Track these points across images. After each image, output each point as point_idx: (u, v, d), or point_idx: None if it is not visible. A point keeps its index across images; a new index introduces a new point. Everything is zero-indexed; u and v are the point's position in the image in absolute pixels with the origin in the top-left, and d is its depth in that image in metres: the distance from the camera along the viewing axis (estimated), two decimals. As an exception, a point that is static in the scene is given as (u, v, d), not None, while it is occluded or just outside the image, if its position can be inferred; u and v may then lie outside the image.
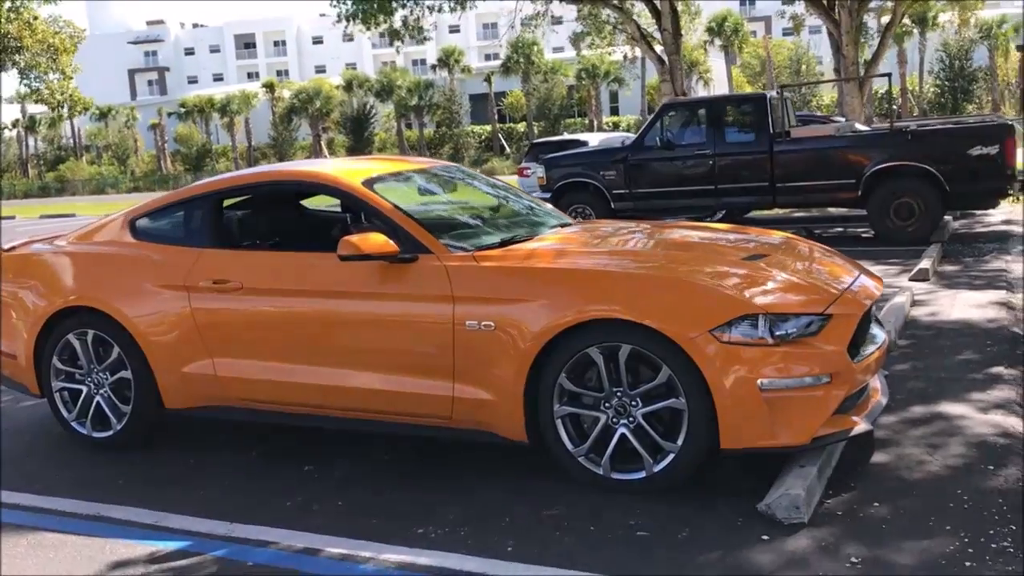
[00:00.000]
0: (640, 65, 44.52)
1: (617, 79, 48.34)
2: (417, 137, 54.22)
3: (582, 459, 4.14)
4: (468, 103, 52.96)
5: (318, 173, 5.06)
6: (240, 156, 57.17)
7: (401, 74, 54.57)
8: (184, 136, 58.14)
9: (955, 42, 40.56)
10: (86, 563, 3.75)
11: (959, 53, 40.32)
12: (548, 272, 4.24)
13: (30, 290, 5.35)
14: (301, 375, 4.65)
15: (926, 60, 42.79)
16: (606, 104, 52.96)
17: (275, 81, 59.45)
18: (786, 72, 48.07)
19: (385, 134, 56.08)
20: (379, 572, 3.51)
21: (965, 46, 40.58)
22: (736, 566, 3.36)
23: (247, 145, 58.44)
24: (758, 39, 49.06)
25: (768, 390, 3.84)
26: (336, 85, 55.75)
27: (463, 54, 54.03)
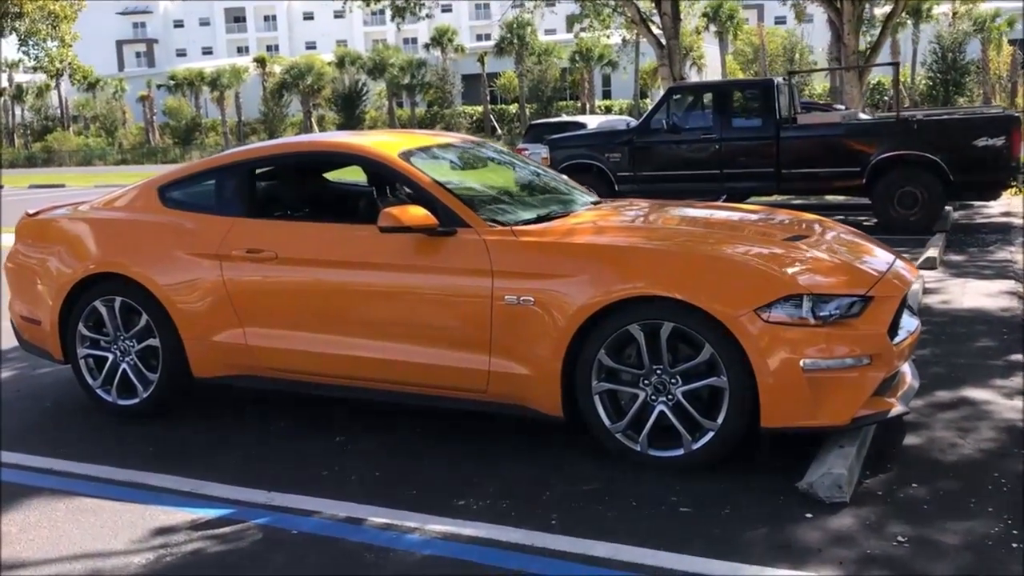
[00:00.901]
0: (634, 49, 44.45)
1: (611, 62, 48.26)
2: (408, 116, 54.03)
3: (619, 435, 4.16)
4: (460, 83, 52.74)
5: (356, 145, 5.03)
6: (230, 131, 56.82)
7: (393, 52, 54.29)
8: (173, 109, 57.69)
9: (949, 34, 40.67)
10: (127, 528, 3.74)
11: (952, 46, 40.43)
12: (591, 248, 4.24)
13: (55, 256, 5.31)
14: (334, 346, 4.64)
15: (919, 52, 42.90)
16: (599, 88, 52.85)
17: (266, 56, 59.05)
18: (780, 60, 48.08)
19: (376, 112, 55.85)
20: (425, 542, 3.52)
21: (959, 39, 40.69)
22: (784, 543, 3.39)
23: (237, 120, 58.09)
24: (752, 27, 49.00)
25: (810, 370, 3.86)
26: (328, 62, 55.42)
27: (456, 33, 53.79)
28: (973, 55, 42.00)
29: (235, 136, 56.92)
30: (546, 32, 56.80)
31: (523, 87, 50.27)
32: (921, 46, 43.23)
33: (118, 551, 3.54)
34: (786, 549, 3.34)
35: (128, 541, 3.62)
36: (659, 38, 22.34)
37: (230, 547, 3.54)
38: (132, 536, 3.67)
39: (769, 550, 3.34)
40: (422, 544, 3.50)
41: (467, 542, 3.50)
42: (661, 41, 22.41)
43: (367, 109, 54.46)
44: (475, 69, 51.89)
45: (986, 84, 41.55)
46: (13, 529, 3.78)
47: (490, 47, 52.71)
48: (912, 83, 40.73)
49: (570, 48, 48.51)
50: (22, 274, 5.53)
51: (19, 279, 5.56)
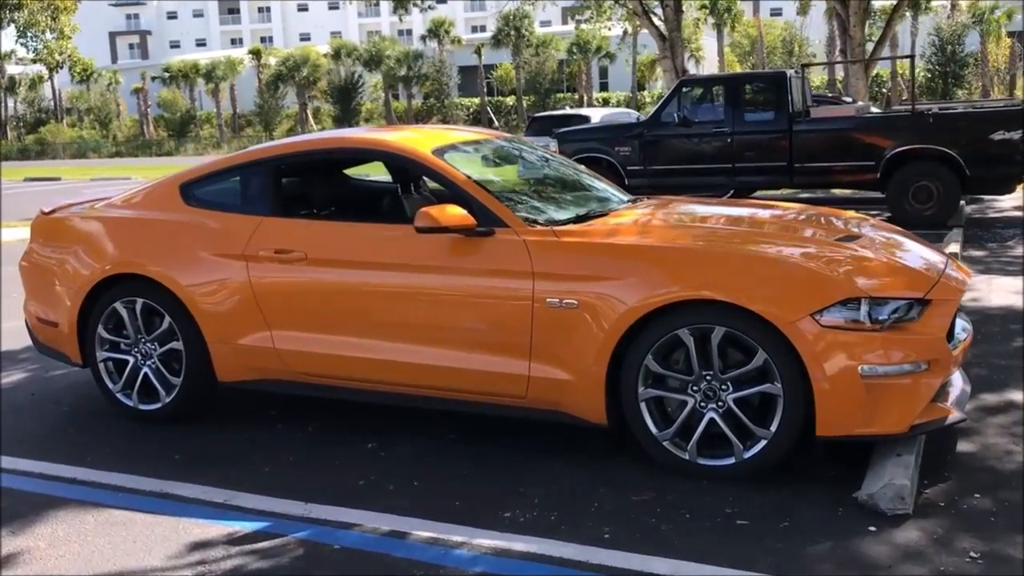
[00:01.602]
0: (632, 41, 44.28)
1: (608, 55, 48.07)
2: (405, 108, 53.77)
3: (667, 443, 4.02)
4: (457, 75, 52.50)
5: (389, 142, 4.87)
6: (225, 123, 56.51)
7: (390, 44, 54.00)
8: (168, 101, 57.35)
9: (948, 27, 40.53)
10: (162, 543, 3.58)
11: (951, 38, 40.29)
12: (638, 250, 4.09)
13: (73, 256, 5.15)
14: (367, 350, 4.49)
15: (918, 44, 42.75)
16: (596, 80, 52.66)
17: (261, 48, 58.69)
18: (778, 53, 47.92)
19: (372, 104, 55.58)
20: (474, 558, 3.37)
21: (957, 31, 40.55)
22: (851, 559, 3.25)
23: (232, 112, 57.77)
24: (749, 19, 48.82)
25: (868, 376, 3.72)
26: (323, 53, 55.13)
27: (453, 25, 53.52)
28: (972, 47, 41.89)
29: (230, 128, 56.59)
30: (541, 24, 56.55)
31: (520, 79, 50.04)
32: (920, 38, 43.09)
33: (155, 568, 3.39)
34: (854, 566, 3.20)
35: (164, 557, 3.47)
36: (661, 30, 22.23)
37: (271, 563, 3.39)
38: (167, 551, 3.51)
39: (837, 567, 3.20)
40: (471, 560, 3.35)
41: (518, 558, 3.36)
42: (663, 33, 22.29)
43: (363, 101, 54.13)
44: (472, 61, 51.66)
45: (985, 77, 41.45)
46: (42, 544, 3.62)
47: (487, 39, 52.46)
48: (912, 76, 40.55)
49: (568, 40, 48.29)
50: (38, 274, 5.36)
51: (35, 279, 5.39)
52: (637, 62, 46.67)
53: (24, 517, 3.87)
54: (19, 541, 3.66)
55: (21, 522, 3.83)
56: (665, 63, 22.68)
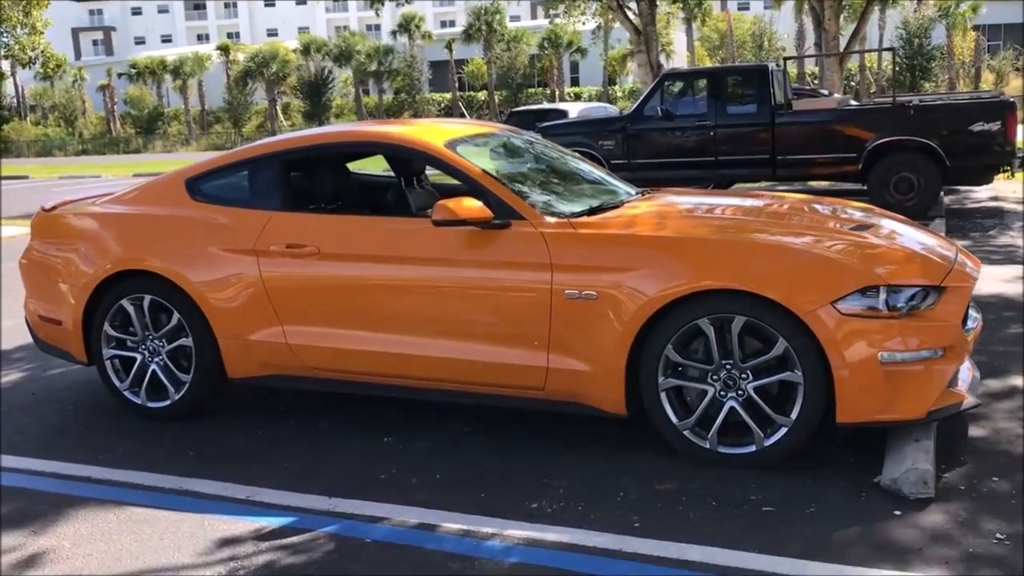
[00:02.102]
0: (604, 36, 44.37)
1: (580, 49, 48.11)
2: (376, 103, 53.49)
3: (687, 432, 4.05)
4: (428, 70, 52.30)
5: (401, 135, 4.86)
6: (194, 120, 55.89)
7: (360, 39, 53.66)
8: (135, 98, 56.57)
9: (915, 20, 40.96)
10: (189, 540, 3.56)
11: (919, 31, 40.73)
12: (658, 241, 4.11)
13: (77, 253, 5.08)
14: (383, 344, 4.48)
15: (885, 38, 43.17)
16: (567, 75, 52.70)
17: (230, 44, 58.08)
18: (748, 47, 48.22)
19: (342, 100, 55.22)
20: (507, 549, 3.38)
21: (924, 24, 41.00)
22: (881, 543, 3.29)
23: (200, 109, 57.15)
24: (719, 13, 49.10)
25: (887, 363, 3.77)
26: (293, 49, 54.64)
27: (423, 20, 53.29)
28: (938, 41, 42.38)
29: (199, 125, 55.99)
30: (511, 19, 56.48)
31: (492, 74, 49.96)
32: (888, 32, 43.54)
33: (186, 565, 3.37)
34: (885, 549, 3.25)
35: (194, 554, 3.45)
36: (635, 24, 22.33)
37: (304, 559, 3.38)
38: (196, 548, 3.49)
39: (868, 550, 3.24)
40: (505, 551, 3.36)
41: (552, 548, 3.37)
42: (638, 27, 22.40)
43: (333, 97, 53.77)
44: (443, 56, 51.45)
45: (951, 70, 41.96)
46: (66, 543, 3.58)
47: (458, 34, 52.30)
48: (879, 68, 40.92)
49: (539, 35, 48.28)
50: (40, 272, 5.29)
51: (36, 277, 5.32)
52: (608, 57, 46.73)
53: (44, 517, 3.83)
54: (43, 541, 3.62)
55: (42, 522, 3.79)
56: (640, 57, 22.82)
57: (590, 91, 48.59)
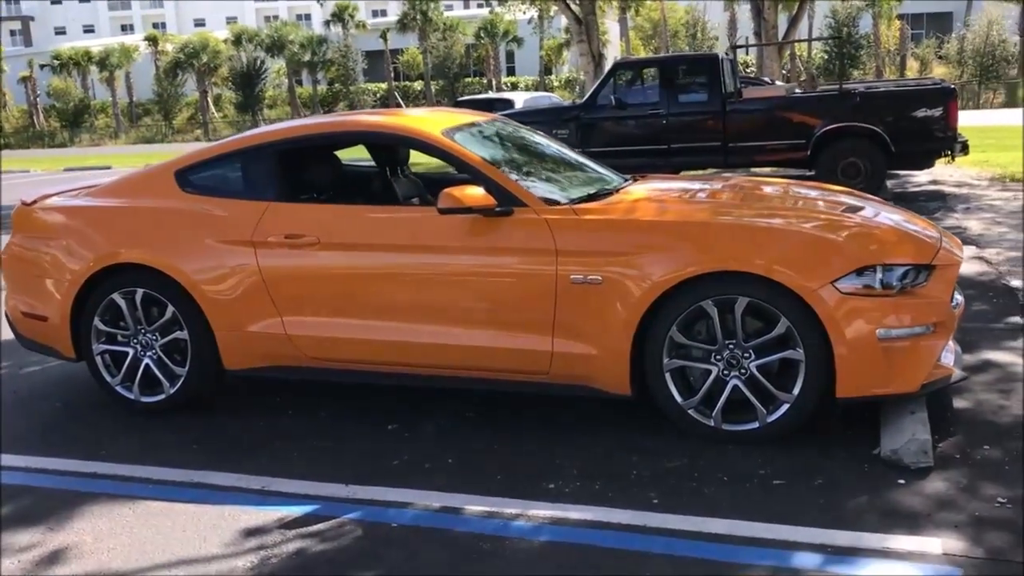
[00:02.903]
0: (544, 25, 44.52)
1: (516, 39, 48.18)
2: (310, 94, 52.90)
3: (692, 411, 4.17)
4: (363, 60, 51.86)
5: (397, 124, 4.87)
6: (122, 112, 54.61)
7: (292, 29, 52.95)
8: (59, 90, 55.08)
9: (843, 9, 41.97)
10: (213, 531, 3.56)
11: (847, 20, 41.76)
12: (662, 225, 4.22)
13: (63, 247, 5.00)
14: (386, 332, 4.51)
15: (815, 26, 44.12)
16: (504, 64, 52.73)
17: (158, 34, 56.79)
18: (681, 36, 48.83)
19: (275, 91, 54.48)
20: (535, 528, 3.46)
21: (852, 13, 42.05)
22: (891, 509, 3.45)
23: (128, 101, 55.86)
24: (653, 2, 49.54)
25: (884, 339, 3.93)
26: (223, 39, 53.68)
27: (357, 9, 52.80)
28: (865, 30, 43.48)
29: (127, 118, 54.74)
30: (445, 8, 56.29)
31: (428, 64, 49.77)
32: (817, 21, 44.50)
33: (216, 555, 3.37)
34: (896, 516, 3.41)
35: (221, 544, 3.45)
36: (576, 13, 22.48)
37: (335, 545, 3.41)
38: (223, 539, 3.50)
39: (880, 517, 3.39)
40: (534, 530, 3.44)
41: (578, 526, 3.46)
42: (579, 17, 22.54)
43: (266, 88, 52.99)
44: (378, 46, 51.11)
45: (878, 58, 43.08)
46: (87, 539, 3.56)
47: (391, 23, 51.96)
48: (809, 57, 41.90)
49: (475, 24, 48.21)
50: (23, 267, 5.19)
51: (19, 273, 5.22)
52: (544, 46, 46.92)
53: (56, 513, 3.79)
54: (61, 537, 3.58)
55: (55, 518, 3.75)
56: (581, 47, 22.96)
57: (527, 80, 48.73)
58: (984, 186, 12.82)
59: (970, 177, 13.90)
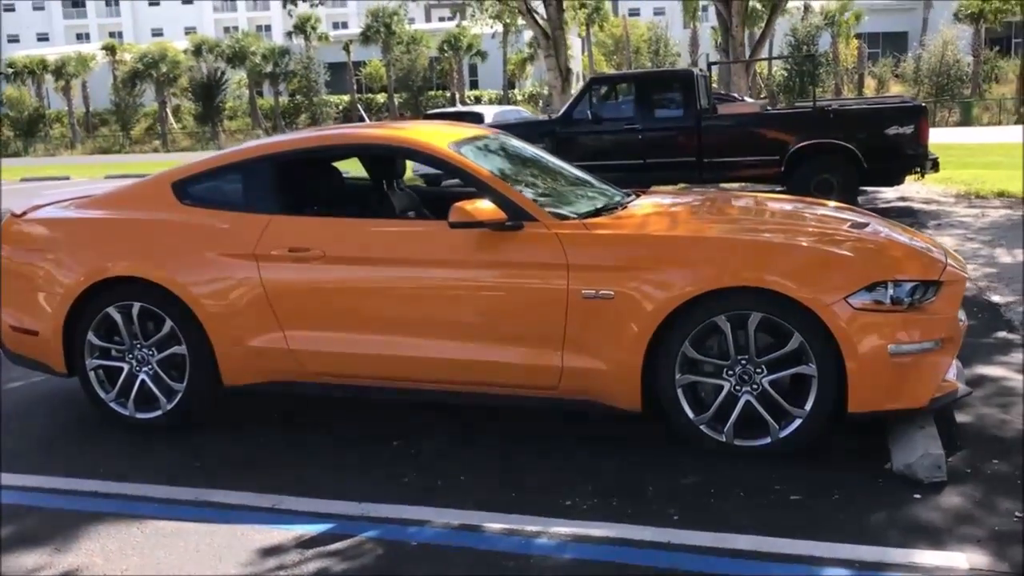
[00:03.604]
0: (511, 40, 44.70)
1: (479, 52, 48.29)
2: (271, 106, 52.52)
3: (703, 427, 4.17)
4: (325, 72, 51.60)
5: (404, 137, 4.84)
6: (77, 122, 53.78)
7: (254, 39, 52.57)
8: (13, 99, 54.05)
9: (803, 28, 42.63)
10: (228, 551, 3.48)
11: (806, 38, 42.41)
12: (676, 241, 4.22)
13: (57, 260, 4.88)
14: (393, 347, 4.46)
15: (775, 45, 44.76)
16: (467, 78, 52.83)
17: (116, 43, 56.05)
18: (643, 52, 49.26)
19: (236, 102, 54.00)
20: (559, 545, 3.43)
21: (812, 32, 42.72)
22: (912, 524, 3.47)
23: (85, 111, 55.05)
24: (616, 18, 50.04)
25: (895, 355, 3.96)
26: (183, 49, 53.13)
27: (319, 21, 52.57)
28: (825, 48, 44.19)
29: (83, 128, 53.92)
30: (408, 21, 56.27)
31: (391, 76, 49.66)
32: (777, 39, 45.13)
33: (235, 576, 3.30)
34: (916, 530, 3.42)
35: (237, 564, 3.38)
36: (544, 28, 22.61)
37: (357, 564, 3.35)
38: (239, 559, 3.42)
39: (902, 532, 3.41)
40: (557, 548, 3.41)
41: (601, 543, 3.43)
42: (547, 31, 22.67)
43: (227, 99, 52.49)
44: (340, 58, 50.94)
45: (837, 76, 43.78)
46: (97, 560, 3.46)
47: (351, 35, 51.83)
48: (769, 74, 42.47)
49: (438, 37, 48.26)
50: (12, 280, 5.06)
51: (8, 286, 5.08)
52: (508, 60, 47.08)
53: (61, 533, 3.68)
54: (71, 559, 3.48)
55: (61, 539, 3.64)
56: (549, 61, 23.08)
57: (490, 94, 48.85)
58: (952, 203, 13.05)
59: (936, 194, 14.15)
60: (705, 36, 48.54)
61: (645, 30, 50.89)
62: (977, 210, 12.17)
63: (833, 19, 42.86)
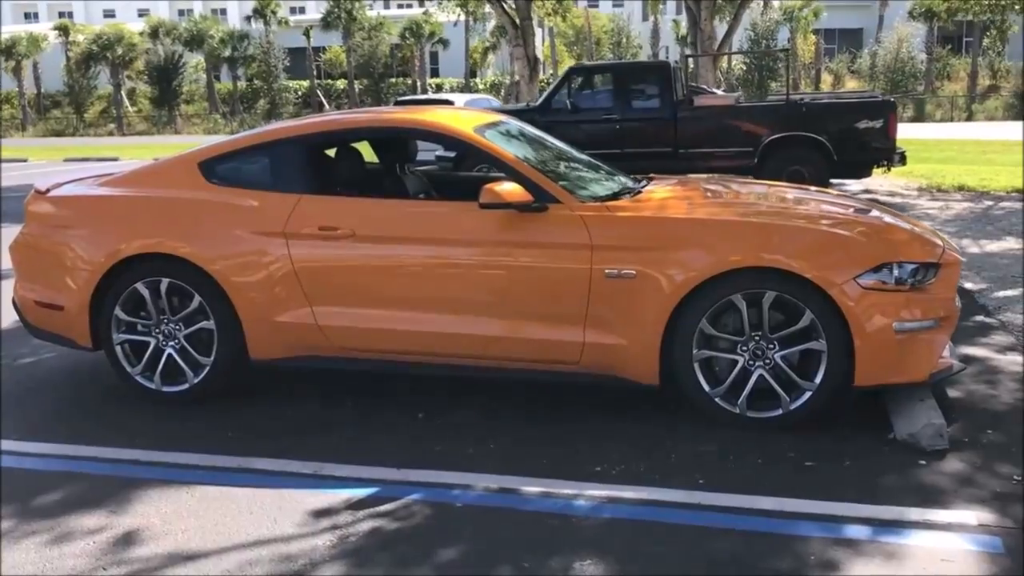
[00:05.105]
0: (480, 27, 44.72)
1: (441, 40, 48.23)
2: (229, 90, 51.96)
3: (718, 400, 4.41)
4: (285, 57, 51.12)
5: (430, 121, 5.01)
6: (28, 103, 52.68)
7: (212, 23, 51.95)
8: (-41, 79, 52.78)
9: (762, 23, 43.26)
10: (281, 513, 3.64)
11: (766, 33, 43.09)
12: (696, 222, 4.45)
13: (84, 236, 4.98)
14: (419, 323, 4.64)
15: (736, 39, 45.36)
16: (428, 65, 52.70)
17: (69, 24, 54.99)
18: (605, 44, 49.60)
19: (193, 86, 53.31)
20: (596, 506, 3.64)
21: (771, 27, 43.39)
22: (921, 487, 3.74)
23: (36, 92, 53.94)
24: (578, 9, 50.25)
25: (899, 332, 4.23)
26: (139, 32, 52.28)
27: (279, 6, 52.05)
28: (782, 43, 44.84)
29: (34, 109, 52.86)
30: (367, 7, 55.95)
31: (351, 62, 49.40)
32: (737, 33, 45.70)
33: (293, 535, 3.46)
34: (925, 492, 3.70)
35: (293, 525, 3.54)
36: (513, 18, 22.77)
37: (408, 523, 3.53)
38: (293, 520, 3.58)
39: (916, 494, 3.68)
40: (595, 508, 3.62)
41: (635, 504, 3.66)
42: (515, 21, 22.83)
43: (184, 83, 51.78)
44: (300, 43, 50.50)
45: (795, 71, 44.48)
46: (156, 522, 3.60)
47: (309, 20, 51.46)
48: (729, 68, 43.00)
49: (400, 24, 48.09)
50: (37, 256, 5.15)
51: (33, 262, 5.17)
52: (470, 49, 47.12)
53: (115, 498, 3.82)
54: (128, 520, 3.62)
55: (115, 503, 3.77)
56: (517, 51, 23.26)
57: (451, 82, 48.82)
58: (915, 196, 13.49)
59: (899, 187, 14.60)
60: (666, 28, 49.02)
61: (607, 21, 51.21)
62: (940, 203, 12.61)
63: (792, 15, 43.52)
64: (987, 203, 12.50)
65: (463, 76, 49.03)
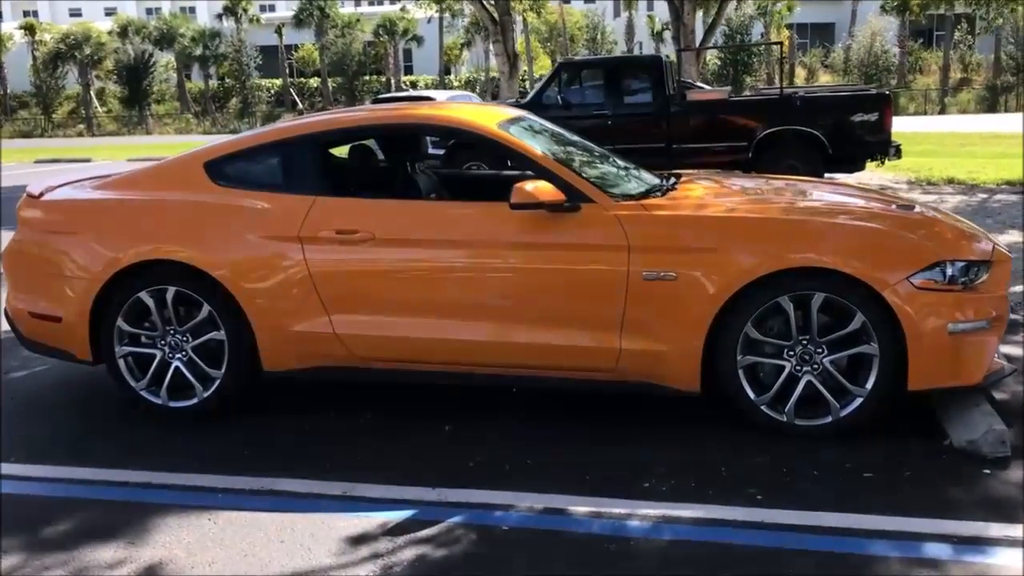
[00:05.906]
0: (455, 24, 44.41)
1: (415, 37, 47.84)
2: (201, 89, 51.29)
3: (764, 407, 4.19)
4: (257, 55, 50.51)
5: (453, 117, 4.75)
6: (-6, 104, 51.73)
7: (183, 21, 51.22)
8: (-78, 79, 51.70)
9: (736, 17, 43.25)
10: (313, 541, 3.38)
11: (740, 28, 43.11)
12: (740, 221, 4.22)
13: (82, 243, 4.68)
14: (446, 331, 4.38)
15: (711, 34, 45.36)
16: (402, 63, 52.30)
17: (35, 23, 54.01)
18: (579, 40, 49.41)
19: (163, 85, 52.56)
20: (652, 527, 3.41)
21: (745, 22, 43.41)
22: (990, 499, 3.54)
23: (2, 93, 52.97)
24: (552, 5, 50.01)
25: (953, 333, 4.04)
26: (108, 31, 51.45)
27: (250, 3, 51.41)
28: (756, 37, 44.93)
29: (1, 110, 51.87)
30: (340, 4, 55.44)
31: (324, 60, 48.89)
32: (712, 28, 45.73)
33: (331, 565, 3.20)
34: (998, 505, 3.49)
35: (329, 554, 3.28)
36: (492, 14, 22.56)
37: (455, 550, 3.28)
38: (328, 548, 3.32)
39: (987, 508, 3.47)
40: (653, 530, 3.39)
41: (696, 524, 3.43)
42: (494, 17, 22.62)
43: (154, 82, 51.02)
44: (272, 41, 49.93)
45: (769, 65, 44.56)
46: (179, 553, 3.32)
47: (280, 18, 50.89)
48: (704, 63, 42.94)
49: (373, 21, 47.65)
50: (31, 264, 4.83)
51: (26, 270, 4.86)
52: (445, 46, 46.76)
53: (132, 526, 3.53)
54: (149, 552, 3.34)
55: (133, 532, 3.49)
56: (497, 47, 23.03)
57: (426, 79, 48.44)
58: (906, 189, 13.38)
59: (889, 181, 14.48)
60: (641, 24, 48.92)
61: (580, 17, 51.02)
62: (934, 196, 12.51)
63: (766, 9, 43.55)
64: (981, 196, 12.43)
65: (437, 73, 48.66)
